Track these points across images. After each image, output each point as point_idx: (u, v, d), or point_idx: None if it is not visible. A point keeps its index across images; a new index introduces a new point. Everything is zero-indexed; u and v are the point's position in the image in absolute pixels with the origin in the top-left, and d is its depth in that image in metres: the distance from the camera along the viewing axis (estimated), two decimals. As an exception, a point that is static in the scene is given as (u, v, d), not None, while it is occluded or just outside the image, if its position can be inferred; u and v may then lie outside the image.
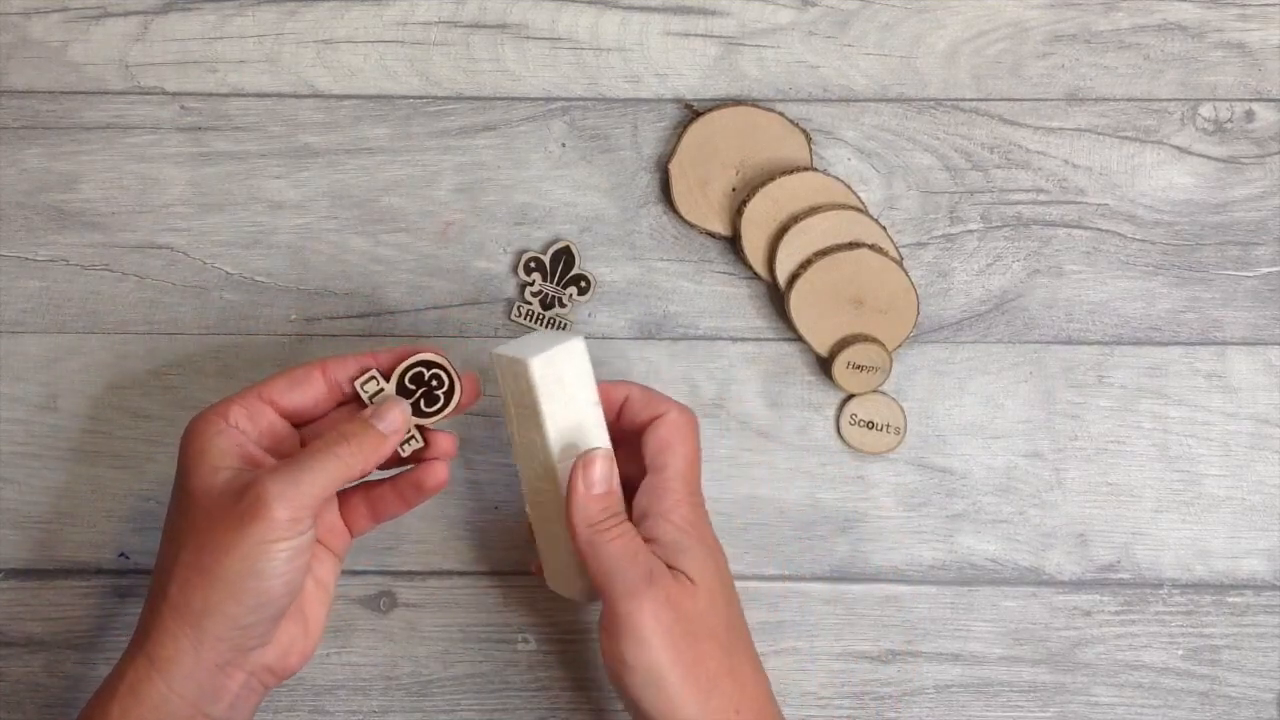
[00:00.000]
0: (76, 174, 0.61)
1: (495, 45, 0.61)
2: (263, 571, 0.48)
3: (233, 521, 0.47)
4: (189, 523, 0.49)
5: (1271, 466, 0.60)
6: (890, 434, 0.60)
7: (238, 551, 0.47)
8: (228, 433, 0.50)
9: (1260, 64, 0.61)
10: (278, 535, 0.47)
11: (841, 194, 0.60)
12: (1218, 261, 0.61)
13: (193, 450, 0.50)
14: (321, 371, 0.52)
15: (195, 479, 0.49)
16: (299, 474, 0.48)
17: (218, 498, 0.48)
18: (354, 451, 0.50)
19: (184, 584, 0.48)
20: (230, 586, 0.47)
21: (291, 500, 0.48)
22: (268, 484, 0.47)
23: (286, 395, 0.52)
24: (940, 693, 0.60)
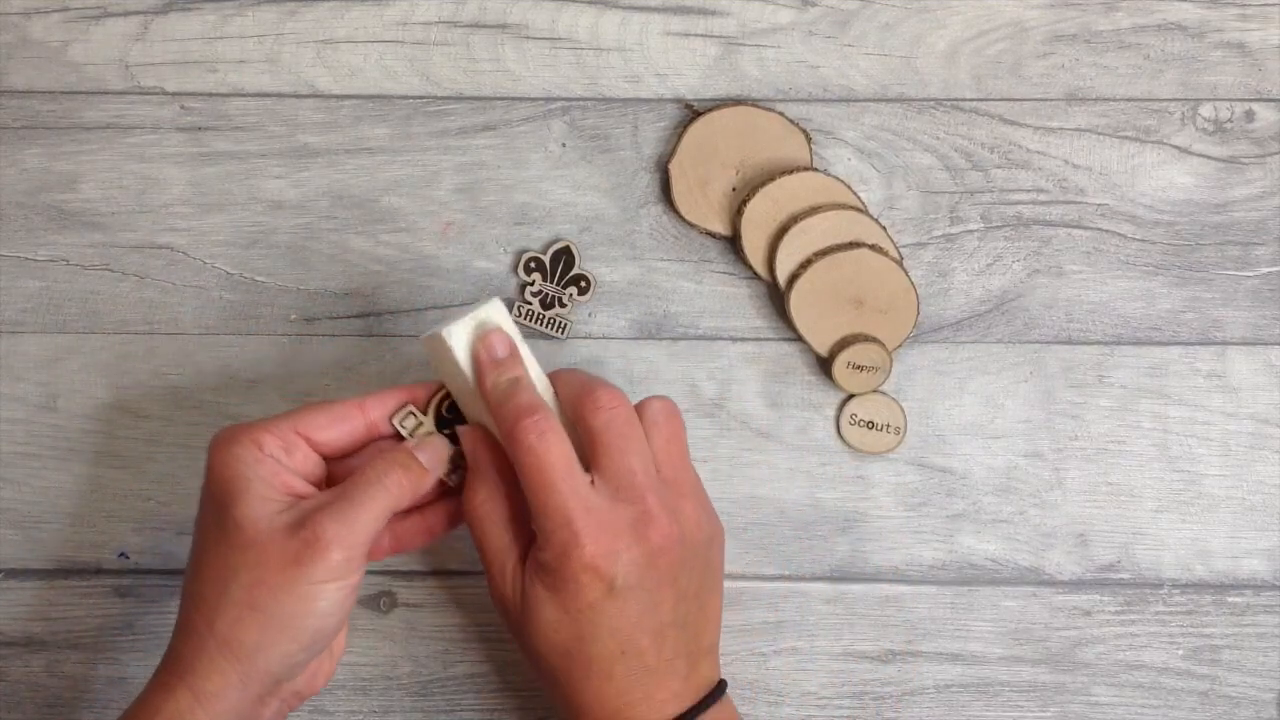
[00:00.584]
0: (76, 174, 0.61)
1: (495, 45, 0.61)
2: (319, 611, 0.48)
3: (289, 560, 0.47)
4: (238, 556, 0.48)
5: (1271, 466, 0.60)
6: (890, 434, 0.60)
7: (296, 591, 0.47)
8: (266, 462, 0.49)
9: (1260, 64, 0.61)
10: (335, 575, 0.47)
11: (841, 194, 0.60)
12: (1218, 261, 0.61)
13: (232, 475, 0.49)
14: (360, 409, 0.52)
15: (243, 509, 0.48)
16: (353, 511, 0.48)
17: (268, 531, 0.48)
18: (402, 483, 0.50)
19: (236, 621, 0.47)
20: (285, 625, 0.47)
21: (347, 540, 0.48)
22: (323, 522, 0.47)
23: (323, 430, 0.51)
24: (940, 693, 0.60)
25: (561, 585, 0.49)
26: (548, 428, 0.49)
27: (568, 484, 0.49)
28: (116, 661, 0.60)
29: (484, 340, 0.51)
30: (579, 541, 0.48)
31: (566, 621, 0.49)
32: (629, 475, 0.50)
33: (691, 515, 0.51)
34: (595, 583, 0.49)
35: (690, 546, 0.51)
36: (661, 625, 0.50)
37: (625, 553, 0.49)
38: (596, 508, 0.49)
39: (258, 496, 0.48)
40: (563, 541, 0.48)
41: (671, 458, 0.52)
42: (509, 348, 0.51)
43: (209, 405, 0.60)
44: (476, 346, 0.51)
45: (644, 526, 0.49)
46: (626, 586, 0.49)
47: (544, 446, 0.49)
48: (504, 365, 0.51)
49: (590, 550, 0.48)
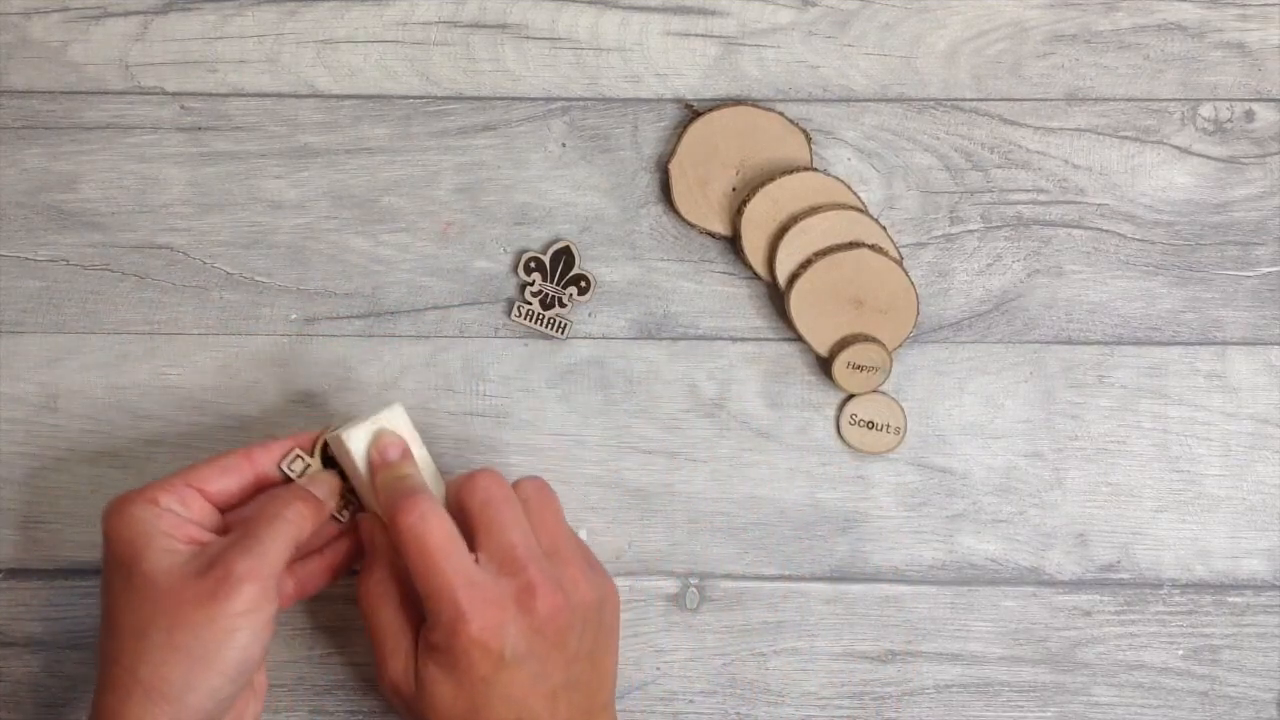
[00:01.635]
0: (76, 174, 0.61)
1: (495, 45, 0.61)
2: (239, 643, 0.49)
3: (203, 599, 0.48)
4: (152, 606, 0.49)
5: (1271, 466, 0.60)
6: (890, 434, 0.60)
7: (215, 627, 0.48)
8: (165, 516, 0.51)
9: (1260, 64, 0.61)
10: (249, 607, 0.49)
11: (841, 194, 0.60)
12: (1218, 261, 0.61)
13: (133, 534, 0.50)
14: (248, 459, 0.54)
15: (148, 562, 0.49)
16: (259, 545, 0.50)
17: (180, 578, 0.49)
18: (301, 513, 0.52)
19: (160, 664, 0.48)
20: (209, 660, 0.48)
21: (258, 573, 0.49)
22: (233, 559, 0.49)
23: (215, 482, 0.53)
24: (940, 693, 0.60)
25: (453, 662, 0.50)
26: (428, 509, 0.51)
27: (450, 562, 0.50)
28: (116, 661, 0.60)
29: (378, 443, 0.54)
30: (465, 617, 0.49)
31: (461, 696, 0.50)
32: (509, 549, 0.51)
33: (576, 580, 0.52)
34: (485, 657, 0.50)
35: (577, 610, 0.52)
36: (554, 689, 0.51)
37: (512, 624, 0.50)
38: (480, 583, 0.50)
39: (162, 549, 0.50)
40: (450, 619, 0.50)
41: (548, 528, 0.53)
42: (399, 450, 0.54)
43: (209, 405, 0.60)
44: (370, 449, 0.54)
45: (528, 597, 0.50)
46: (516, 657, 0.50)
47: (424, 526, 0.51)
48: (393, 465, 0.54)
49: (477, 625, 0.49)
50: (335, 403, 0.60)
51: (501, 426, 0.60)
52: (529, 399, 0.61)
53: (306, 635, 0.60)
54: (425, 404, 0.60)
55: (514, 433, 0.60)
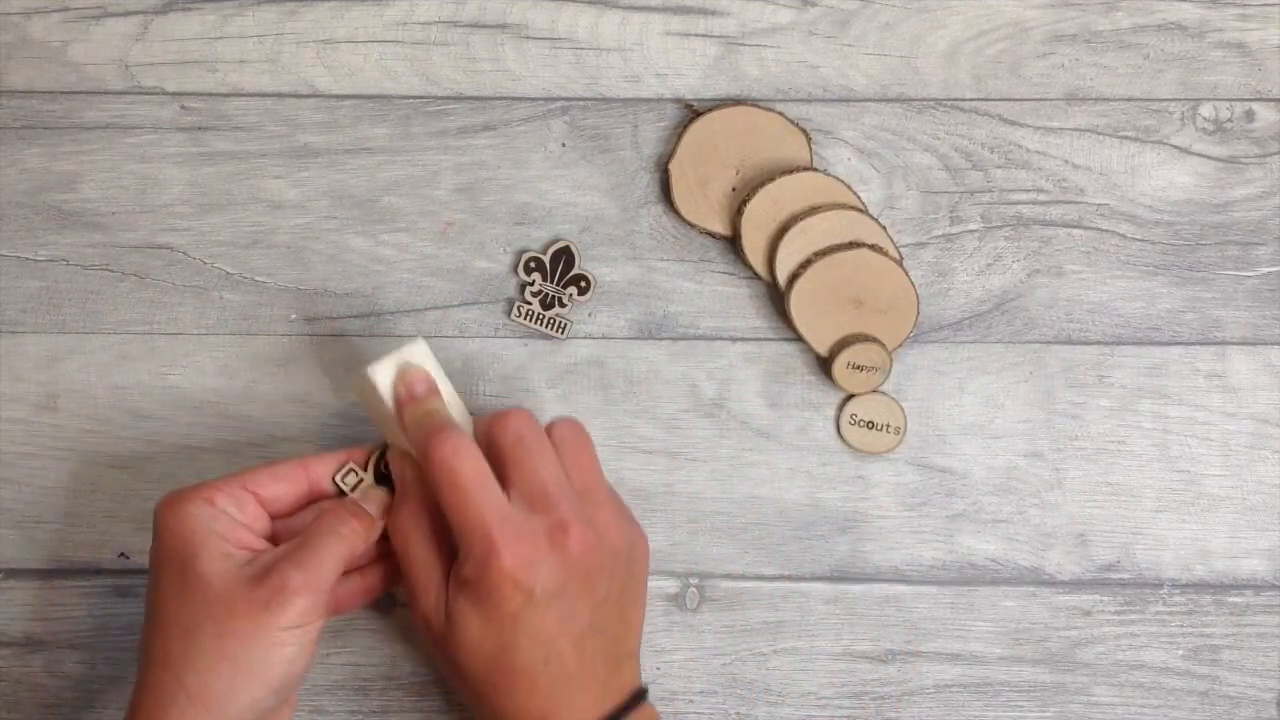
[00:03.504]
0: (76, 174, 0.61)
1: (495, 45, 0.61)
2: (287, 657, 0.49)
3: (256, 609, 0.48)
4: (205, 610, 0.49)
5: (1271, 466, 0.61)
6: (890, 434, 0.60)
7: (265, 638, 0.48)
8: (221, 518, 0.51)
9: (1260, 64, 0.61)
10: (301, 620, 0.49)
11: (841, 194, 0.60)
12: (1218, 261, 0.61)
13: (190, 532, 0.50)
14: (304, 469, 0.53)
15: (203, 564, 0.49)
16: (314, 558, 0.50)
17: (234, 583, 0.49)
18: (356, 531, 0.52)
19: (206, 672, 0.48)
20: (256, 672, 0.48)
21: (313, 586, 0.49)
22: (290, 571, 0.49)
23: (269, 487, 0.53)
24: (940, 693, 0.60)
25: (484, 597, 0.50)
26: (459, 443, 0.51)
27: (482, 496, 0.50)
28: (116, 661, 0.60)
29: (403, 378, 0.53)
30: (497, 552, 0.49)
31: (490, 633, 0.50)
32: (541, 486, 0.51)
33: (608, 523, 0.52)
34: (516, 592, 0.49)
35: (608, 553, 0.51)
36: (581, 631, 0.51)
37: (544, 561, 0.50)
38: (512, 518, 0.50)
39: (218, 552, 0.50)
40: (482, 553, 0.49)
41: (582, 471, 0.53)
42: (427, 385, 0.54)
43: (209, 405, 0.60)
44: (396, 384, 0.54)
45: (560, 534, 0.50)
46: (546, 594, 0.50)
47: (456, 460, 0.50)
48: (421, 399, 0.53)
49: (509, 560, 0.49)
50: (335, 403, 0.60)
51: (501, 426, 0.60)
52: (529, 399, 0.60)
53: (306, 635, 0.60)
54: (425, 404, 0.60)
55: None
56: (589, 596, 0.51)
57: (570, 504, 0.51)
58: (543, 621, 0.50)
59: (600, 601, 0.51)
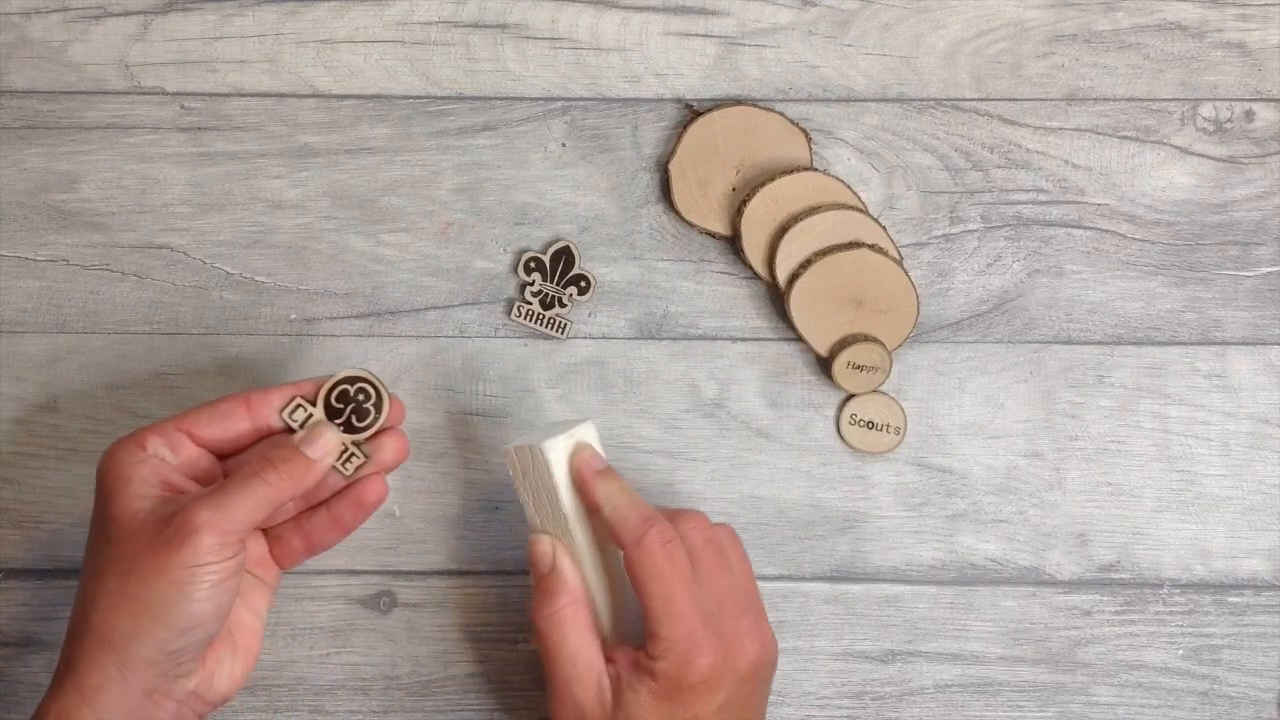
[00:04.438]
0: (76, 174, 0.61)
1: (495, 45, 0.61)
2: (190, 595, 0.48)
3: (159, 547, 0.48)
4: (114, 550, 0.49)
5: (1271, 466, 0.61)
6: (890, 434, 0.60)
7: (165, 576, 0.48)
8: (148, 461, 0.50)
9: (1260, 64, 0.61)
10: (205, 559, 0.48)
11: (841, 194, 0.60)
12: (1218, 261, 0.61)
13: (112, 476, 0.50)
14: (246, 406, 0.53)
15: (117, 505, 0.49)
16: (226, 499, 0.49)
17: (142, 524, 0.49)
18: (282, 476, 0.50)
19: (109, 611, 0.48)
20: (157, 611, 0.48)
21: (218, 525, 0.48)
22: (195, 509, 0.48)
23: (207, 428, 0.52)
24: (940, 692, 0.60)
25: (674, 693, 0.50)
26: (673, 537, 0.51)
27: (690, 594, 0.50)
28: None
29: (580, 455, 0.53)
30: (701, 651, 0.49)
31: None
32: (727, 593, 0.52)
33: (767, 636, 0.53)
34: (708, 696, 0.50)
35: (766, 665, 0.52)
36: None
37: (731, 668, 0.50)
38: (713, 622, 0.50)
39: (134, 494, 0.49)
40: (684, 650, 0.49)
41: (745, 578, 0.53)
42: (605, 464, 0.53)
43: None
44: (574, 461, 0.53)
45: (744, 643, 0.51)
46: (729, 701, 0.50)
47: (669, 552, 0.50)
48: (609, 477, 0.53)
49: (710, 661, 0.49)
50: (335, 403, 0.60)
51: (501, 426, 0.60)
52: (529, 399, 0.60)
53: (306, 635, 0.60)
54: (425, 404, 0.60)
55: (514, 433, 0.60)
56: (754, 709, 0.52)
57: (749, 614, 0.52)
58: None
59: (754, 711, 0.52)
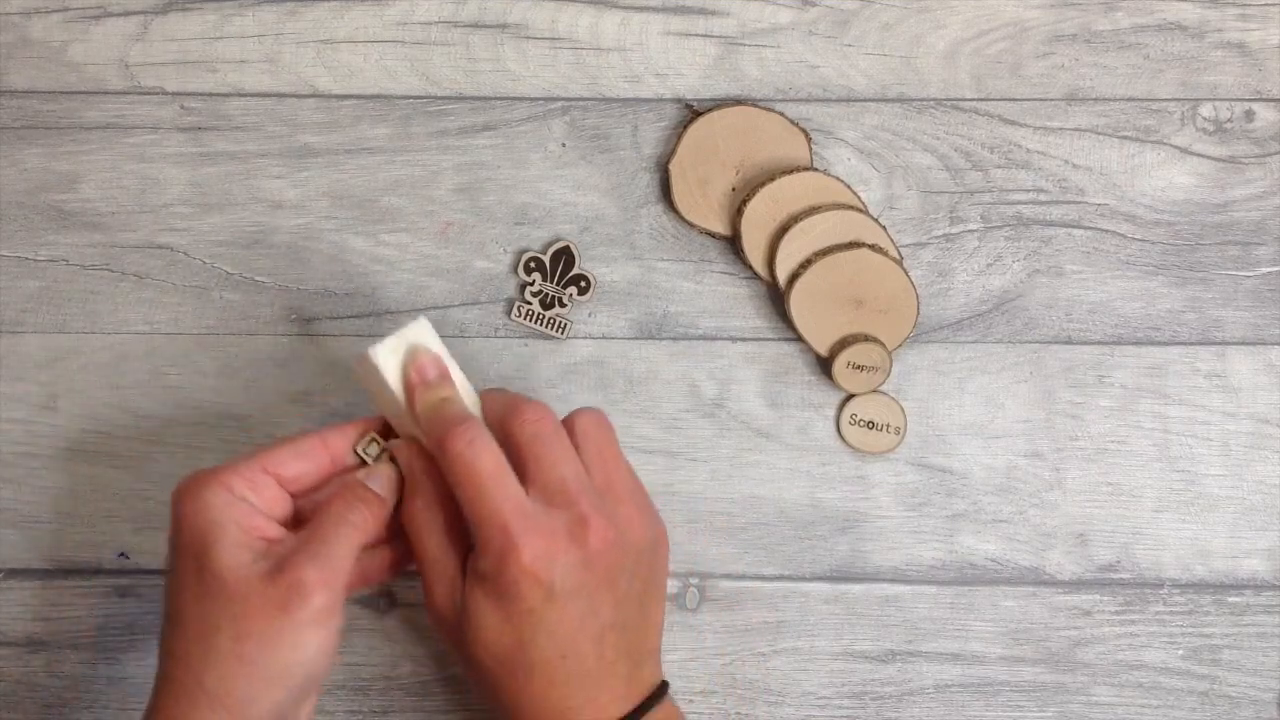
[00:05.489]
0: (76, 174, 0.61)
1: (495, 45, 0.61)
2: (307, 658, 0.47)
3: (273, 610, 0.47)
4: (221, 609, 0.47)
5: (1271, 466, 0.61)
6: (890, 434, 0.60)
7: (284, 640, 0.47)
8: (237, 505, 0.49)
9: (1260, 64, 0.61)
10: (320, 619, 0.47)
11: (841, 194, 0.60)
12: (1218, 261, 0.61)
13: (205, 523, 0.49)
14: (323, 443, 0.52)
15: (218, 559, 0.48)
16: (327, 551, 0.48)
17: (247, 580, 0.47)
18: (367, 518, 0.50)
19: (225, 676, 0.47)
20: (274, 674, 0.47)
21: (329, 584, 0.48)
22: (304, 567, 0.47)
23: (290, 466, 0.51)
24: (940, 692, 0.60)
25: (501, 592, 0.49)
26: (477, 436, 0.49)
27: (501, 490, 0.49)
28: (116, 661, 0.60)
29: (414, 362, 0.52)
30: (516, 547, 0.48)
31: (507, 628, 0.49)
32: (560, 483, 0.50)
33: (630, 518, 0.51)
34: (534, 588, 0.48)
35: (629, 549, 0.50)
36: (602, 628, 0.50)
37: (562, 557, 0.49)
38: (531, 514, 0.49)
39: (233, 544, 0.48)
40: (500, 548, 0.48)
41: (605, 465, 0.52)
42: (438, 370, 0.52)
43: (209, 405, 0.60)
44: (407, 368, 0.52)
45: (580, 530, 0.49)
46: (566, 590, 0.49)
47: (473, 453, 0.49)
48: (434, 386, 0.52)
49: (528, 555, 0.48)
50: (335, 403, 0.60)
51: (501, 426, 0.60)
52: (529, 399, 0.60)
53: (306, 635, 0.60)
54: (425, 404, 0.60)
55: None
56: (610, 593, 0.50)
57: (590, 500, 0.50)
58: (561, 618, 0.49)
59: (621, 598, 0.50)
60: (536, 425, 0.51)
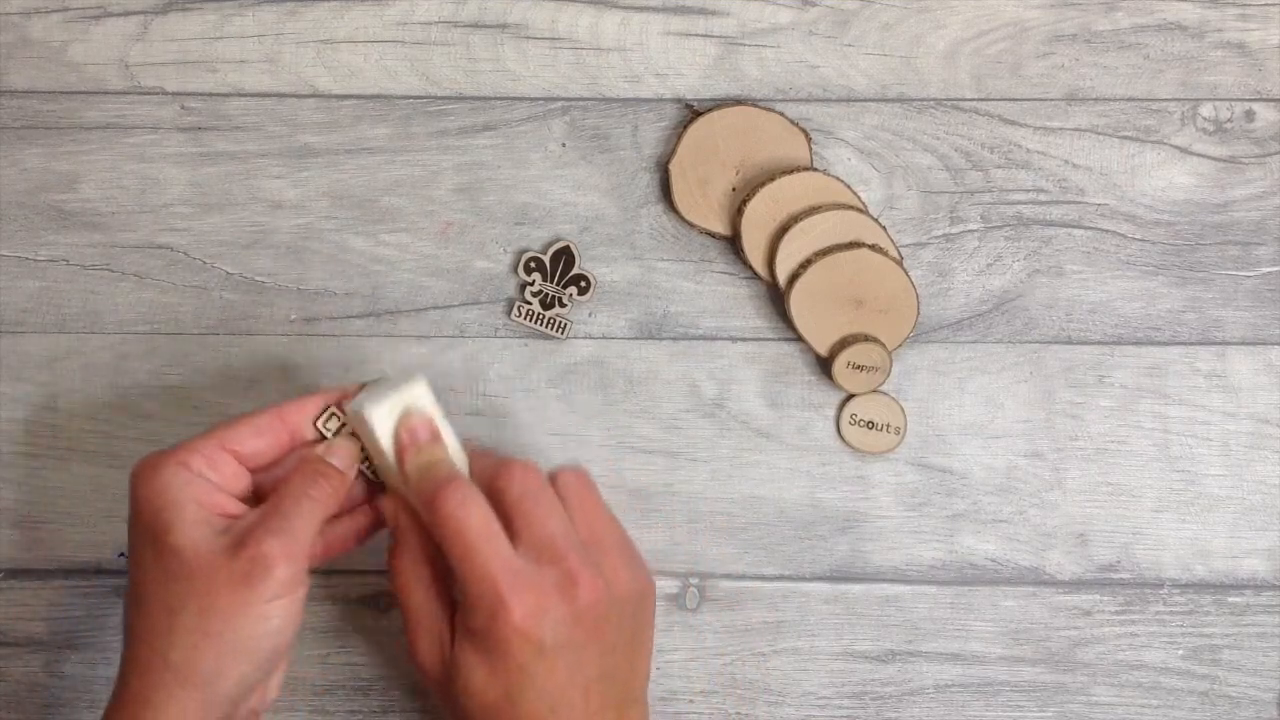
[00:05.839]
0: (76, 174, 0.61)
1: (495, 45, 0.61)
2: (272, 629, 0.48)
3: (236, 583, 0.47)
4: (183, 585, 0.48)
5: (1271, 466, 0.61)
6: (890, 434, 0.60)
7: (248, 613, 0.47)
8: (195, 483, 0.50)
9: (1260, 64, 0.61)
10: (283, 591, 0.48)
11: (841, 194, 0.60)
12: (1218, 261, 0.61)
13: (164, 502, 0.49)
14: (281, 418, 0.52)
15: (178, 536, 0.48)
16: (289, 525, 0.49)
17: (208, 555, 0.48)
18: (327, 492, 0.51)
19: (190, 649, 0.47)
20: (240, 648, 0.48)
21: (291, 556, 0.48)
22: (264, 540, 0.48)
23: (249, 443, 0.51)
24: (940, 692, 0.60)
25: (491, 649, 0.49)
26: (467, 496, 0.50)
27: (491, 548, 0.49)
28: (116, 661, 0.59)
29: (406, 423, 0.52)
30: (506, 605, 0.48)
31: (496, 683, 0.49)
32: (549, 539, 0.50)
33: (617, 572, 0.51)
34: (524, 645, 0.49)
35: (616, 602, 0.51)
36: (589, 680, 0.50)
37: (552, 613, 0.49)
38: (521, 571, 0.49)
39: (192, 521, 0.49)
40: (490, 605, 0.49)
41: (589, 518, 0.52)
42: (429, 432, 0.52)
43: (209, 405, 0.60)
44: (399, 429, 0.52)
45: (569, 586, 0.49)
46: (556, 645, 0.49)
47: (464, 512, 0.49)
48: (424, 448, 0.52)
49: (519, 613, 0.48)
50: (335, 403, 0.60)
51: (501, 426, 0.60)
52: (529, 399, 0.60)
53: (306, 635, 0.60)
54: (425, 404, 0.60)
55: (514, 433, 0.60)
56: (597, 646, 0.50)
57: (578, 555, 0.50)
58: (550, 672, 0.49)
59: (608, 649, 0.51)
60: (524, 483, 0.51)
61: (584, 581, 0.50)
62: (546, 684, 0.49)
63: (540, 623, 0.49)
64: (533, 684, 0.49)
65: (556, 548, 0.50)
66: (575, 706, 0.50)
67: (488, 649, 0.49)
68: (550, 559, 0.50)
